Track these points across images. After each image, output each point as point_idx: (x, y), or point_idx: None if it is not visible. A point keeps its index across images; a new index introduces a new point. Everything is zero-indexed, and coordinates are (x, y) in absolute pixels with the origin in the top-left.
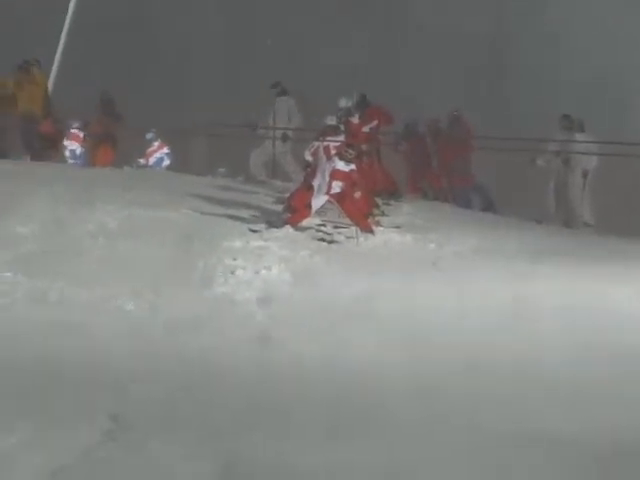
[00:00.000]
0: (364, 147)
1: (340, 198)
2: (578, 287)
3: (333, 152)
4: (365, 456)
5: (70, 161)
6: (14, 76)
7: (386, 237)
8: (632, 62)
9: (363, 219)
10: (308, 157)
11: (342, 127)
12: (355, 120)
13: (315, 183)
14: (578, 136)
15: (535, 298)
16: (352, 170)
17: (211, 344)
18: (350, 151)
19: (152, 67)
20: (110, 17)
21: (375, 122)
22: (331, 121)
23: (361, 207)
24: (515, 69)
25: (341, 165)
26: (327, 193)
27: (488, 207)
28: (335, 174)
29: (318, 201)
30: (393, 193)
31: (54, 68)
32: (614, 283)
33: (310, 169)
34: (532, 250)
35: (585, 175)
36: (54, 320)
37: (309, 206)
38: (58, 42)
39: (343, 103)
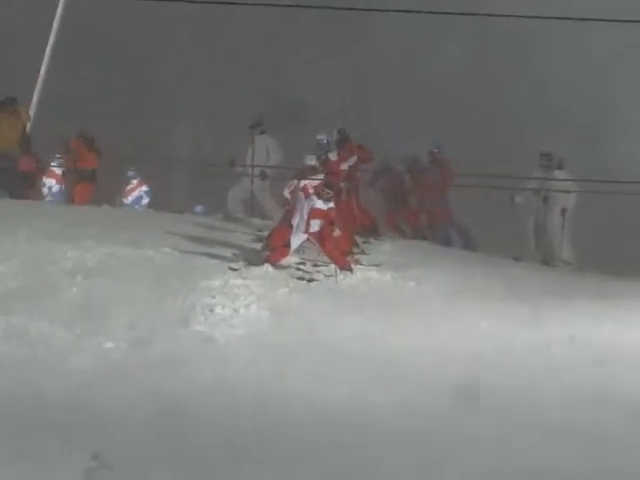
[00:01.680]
0: (343, 185)
1: (319, 237)
2: (557, 326)
3: (311, 191)
4: None
5: (48, 198)
6: None
7: (365, 275)
8: (611, 98)
9: (342, 257)
10: (287, 195)
11: (320, 167)
12: (334, 157)
13: (294, 222)
14: (557, 174)
15: (515, 337)
16: (330, 208)
17: (190, 383)
18: (328, 190)
19: (131, 103)
20: (90, 53)
21: (354, 159)
22: (310, 161)
23: (340, 245)
24: (494, 107)
25: (319, 204)
26: (306, 232)
27: (467, 245)
28: (313, 213)
29: (297, 239)
30: (372, 231)
31: (32, 105)
32: (595, 321)
33: (289, 207)
34: (512, 288)
35: (564, 213)
36: (33, 358)
37: (288, 244)
38: (36, 80)
39: (322, 138)
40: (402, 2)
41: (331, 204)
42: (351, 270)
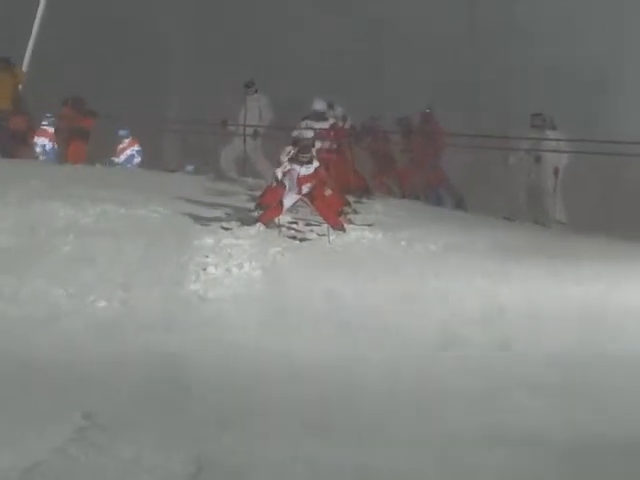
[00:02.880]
0: (333, 145)
1: (311, 196)
2: (549, 286)
3: (290, 165)
4: (341, 452)
5: (41, 157)
6: None
7: (358, 235)
8: (604, 59)
9: (334, 216)
10: (279, 174)
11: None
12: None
13: (286, 181)
14: (549, 134)
15: (506, 297)
16: (316, 168)
17: (182, 342)
18: (305, 155)
19: (122, 64)
20: (81, 14)
21: (350, 122)
22: (320, 105)
23: (332, 204)
24: (486, 67)
25: (303, 170)
26: (298, 193)
27: (459, 205)
28: (301, 180)
29: (289, 199)
30: (365, 190)
31: (24, 64)
32: (585, 282)
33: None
34: (503, 248)
35: (557, 173)
36: (25, 317)
37: (280, 204)
38: (28, 38)
39: (318, 106)
40: None
41: (314, 164)
42: (343, 229)
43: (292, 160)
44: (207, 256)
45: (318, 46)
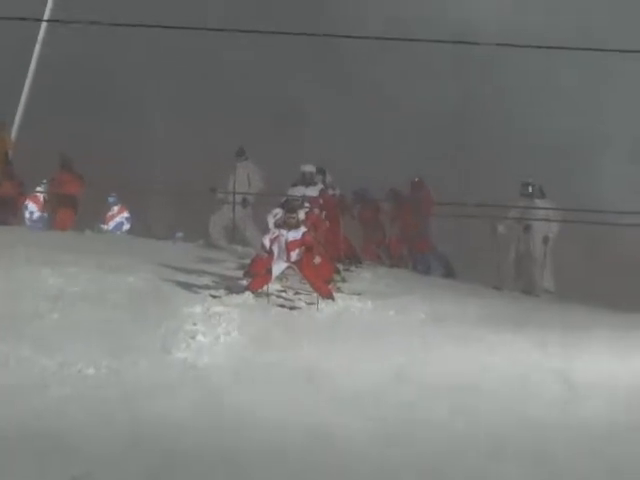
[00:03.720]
0: (323, 213)
1: (300, 264)
2: (535, 355)
3: (278, 229)
4: None
5: (28, 224)
6: None
7: (347, 303)
8: (592, 128)
9: (323, 285)
10: (266, 243)
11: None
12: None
13: (274, 249)
14: (538, 203)
15: (493, 365)
16: (304, 234)
17: (171, 410)
18: (292, 216)
19: (113, 128)
20: (71, 78)
21: (337, 191)
22: (309, 168)
23: (321, 273)
24: (476, 135)
25: (291, 235)
26: (287, 260)
27: (448, 273)
28: (290, 245)
29: (278, 267)
30: (354, 259)
31: (13, 130)
32: (572, 351)
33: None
34: (491, 317)
35: (546, 241)
36: (13, 384)
37: (269, 272)
38: (18, 104)
39: (307, 168)
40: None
41: (302, 229)
42: (332, 298)
43: (280, 225)
44: (196, 324)
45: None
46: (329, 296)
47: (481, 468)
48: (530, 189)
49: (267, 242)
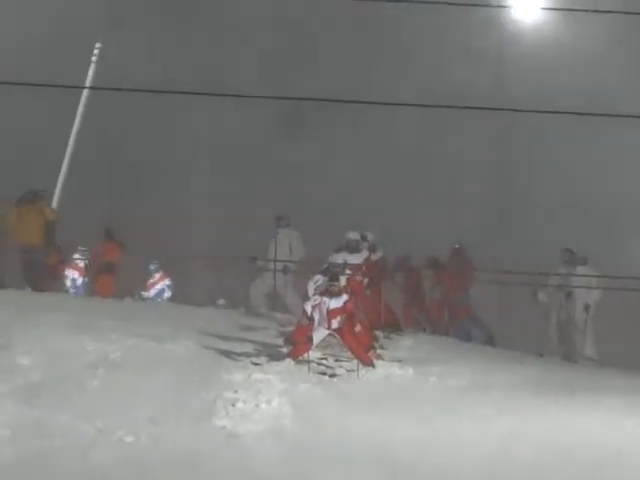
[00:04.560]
0: (365, 280)
1: (341, 332)
2: (578, 422)
3: (319, 297)
4: None
5: (71, 290)
6: (16, 208)
7: (387, 371)
8: (634, 194)
9: (364, 353)
10: (308, 309)
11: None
12: (363, 256)
13: (315, 316)
14: (580, 269)
15: (535, 433)
16: (346, 302)
17: (211, 477)
18: (335, 284)
19: (153, 198)
20: (111, 146)
21: (379, 254)
22: (354, 235)
23: (362, 341)
24: (517, 202)
25: (333, 303)
26: (328, 328)
27: (489, 340)
28: (331, 313)
29: (319, 334)
30: (395, 326)
31: (55, 199)
32: (615, 418)
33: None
34: (534, 384)
35: (587, 309)
36: (54, 451)
37: (310, 340)
38: (59, 173)
39: (352, 236)
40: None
41: (344, 297)
42: (373, 366)
43: (321, 293)
44: (236, 391)
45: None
46: (370, 364)
47: None
48: (571, 256)
49: (309, 309)
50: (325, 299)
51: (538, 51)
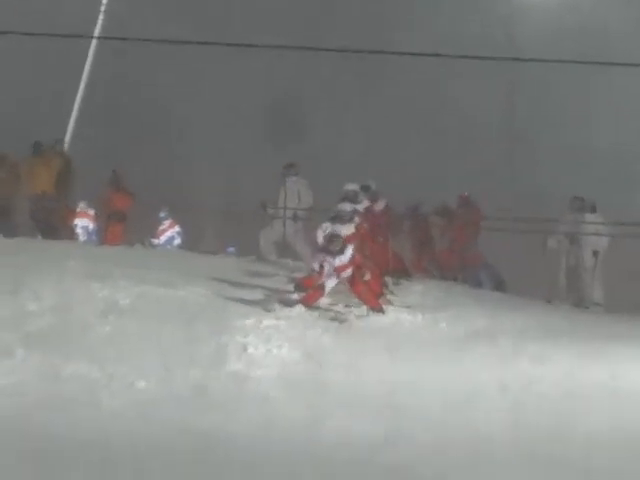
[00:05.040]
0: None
1: (350, 281)
2: (586, 368)
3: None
4: None
5: (82, 238)
6: (29, 158)
7: (397, 316)
8: None
9: (374, 299)
10: (316, 267)
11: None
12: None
13: (326, 265)
14: (588, 217)
15: (542, 379)
16: (352, 256)
17: (222, 422)
18: (335, 243)
19: (163, 147)
20: (121, 99)
21: (383, 202)
22: (352, 187)
23: (372, 288)
24: (526, 149)
25: (337, 261)
26: (338, 277)
27: (498, 287)
28: (338, 269)
29: (330, 282)
30: (403, 272)
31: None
32: (622, 364)
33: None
34: (542, 330)
35: (596, 255)
36: (65, 397)
37: (322, 287)
38: (68, 122)
39: (351, 187)
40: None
41: (349, 252)
42: (383, 312)
43: (325, 251)
44: (247, 337)
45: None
46: (380, 310)
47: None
48: (580, 203)
49: (317, 265)
50: (329, 258)
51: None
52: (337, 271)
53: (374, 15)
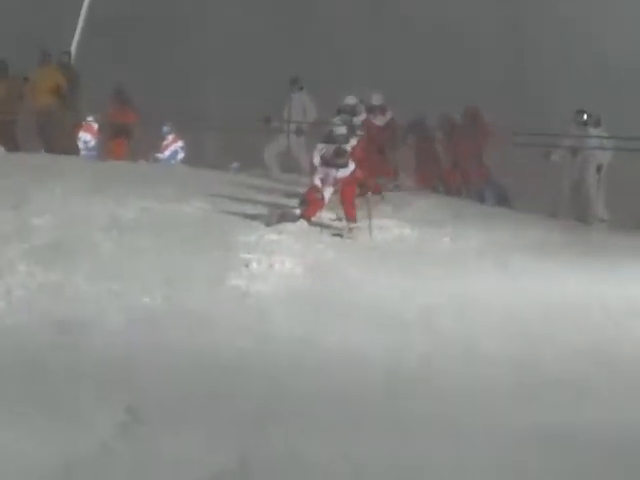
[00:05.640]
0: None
1: (343, 187)
2: (586, 283)
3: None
4: (386, 448)
5: (83, 153)
6: (33, 69)
7: (400, 232)
8: None
9: (352, 209)
10: (318, 183)
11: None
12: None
13: (328, 178)
14: (592, 131)
15: (545, 292)
16: (352, 172)
17: (225, 337)
18: (341, 158)
19: (167, 61)
20: (124, 12)
21: (390, 114)
22: (350, 101)
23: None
24: (531, 63)
25: (340, 173)
26: (334, 185)
27: (502, 202)
28: (339, 181)
29: (328, 191)
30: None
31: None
32: (623, 280)
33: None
34: (546, 245)
35: (599, 170)
36: (68, 313)
37: (322, 197)
38: (73, 36)
39: (350, 101)
40: None
41: (351, 167)
42: (355, 221)
43: (327, 164)
44: (249, 252)
45: (364, 45)
46: (352, 219)
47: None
48: (584, 117)
49: (317, 182)
50: (332, 170)
51: None
52: (337, 182)
53: None
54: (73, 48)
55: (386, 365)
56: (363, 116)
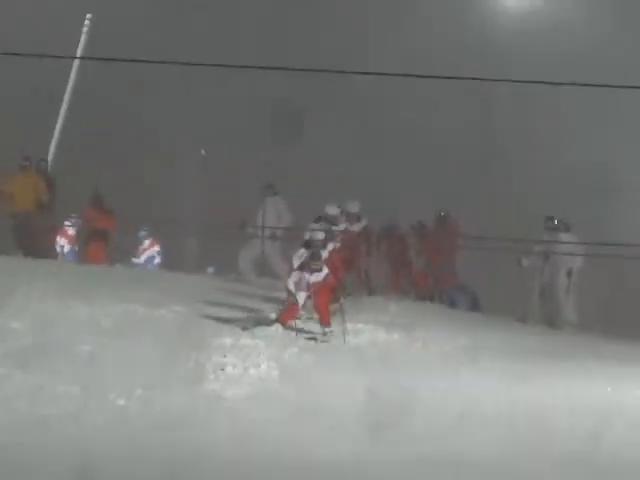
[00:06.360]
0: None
1: (316, 296)
2: (558, 387)
3: (300, 273)
4: None
5: (60, 258)
6: (11, 175)
7: (373, 335)
8: (617, 162)
9: (326, 313)
10: (292, 287)
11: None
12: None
13: (301, 281)
14: (563, 236)
15: (515, 397)
16: (327, 274)
17: (201, 441)
18: (316, 262)
19: (143, 165)
20: (103, 116)
21: (364, 222)
22: (332, 211)
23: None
24: (501, 170)
25: (313, 278)
26: (308, 291)
27: (473, 306)
28: (312, 286)
29: (301, 296)
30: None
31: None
32: (594, 382)
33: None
34: (516, 350)
35: (570, 274)
36: (46, 414)
37: (296, 302)
38: (51, 140)
39: (332, 211)
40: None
41: (324, 272)
42: (329, 325)
43: (302, 268)
44: (225, 356)
45: (335, 151)
46: (327, 325)
47: None
48: (554, 223)
49: (292, 286)
50: (305, 274)
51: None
52: (310, 287)
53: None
54: (51, 151)
55: (360, 470)
56: (343, 226)
